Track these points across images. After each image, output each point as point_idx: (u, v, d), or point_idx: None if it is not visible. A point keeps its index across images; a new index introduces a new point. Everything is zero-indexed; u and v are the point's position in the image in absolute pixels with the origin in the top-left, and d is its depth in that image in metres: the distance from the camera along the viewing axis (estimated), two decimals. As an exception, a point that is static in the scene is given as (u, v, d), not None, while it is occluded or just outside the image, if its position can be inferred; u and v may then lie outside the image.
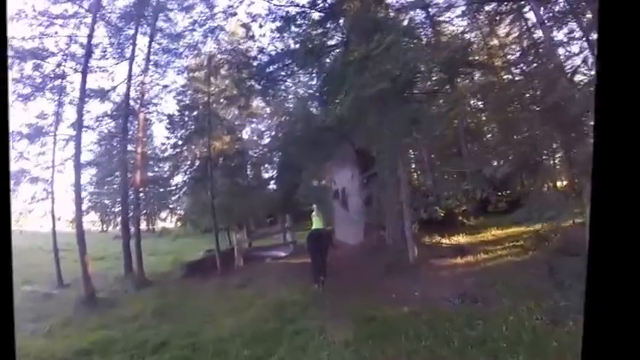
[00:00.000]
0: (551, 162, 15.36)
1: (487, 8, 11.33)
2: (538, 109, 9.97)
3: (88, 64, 10.88)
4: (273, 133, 25.29)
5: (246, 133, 23.08)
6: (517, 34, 13.86)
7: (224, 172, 11.96)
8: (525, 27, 12.86)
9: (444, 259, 8.73)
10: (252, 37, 12.10)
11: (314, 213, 9.11)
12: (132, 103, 12.25)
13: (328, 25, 11.31)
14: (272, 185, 24.56)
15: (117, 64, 12.08)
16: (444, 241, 10.56)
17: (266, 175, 25.13)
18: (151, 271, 12.19)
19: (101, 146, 15.40)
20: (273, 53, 12.01)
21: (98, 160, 15.42)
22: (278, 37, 11.83)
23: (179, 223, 16.42)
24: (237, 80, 12.31)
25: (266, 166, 25.11)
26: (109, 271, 12.53)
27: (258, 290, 8.16)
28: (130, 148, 12.20)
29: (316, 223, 8.84)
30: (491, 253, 8.60)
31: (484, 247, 9.15)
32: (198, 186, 12.07)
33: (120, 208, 28.81)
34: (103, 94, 11.93)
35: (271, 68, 12.15)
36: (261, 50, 11.90)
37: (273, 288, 8.05)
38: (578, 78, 9.71)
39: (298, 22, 10.81)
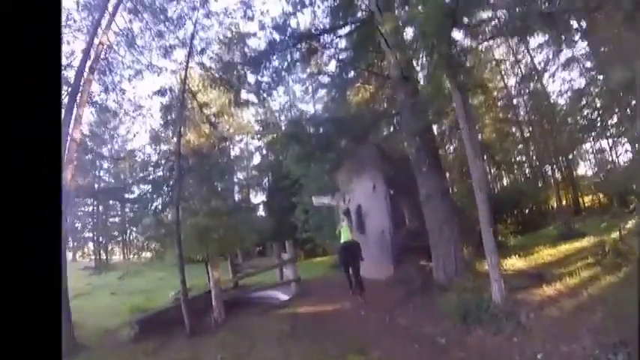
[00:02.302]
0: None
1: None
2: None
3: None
4: (265, 152, 21.98)
5: (233, 153, 19.55)
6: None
7: (200, 177, 7.90)
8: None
9: (529, 292, 5.48)
10: (251, 18, 8.88)
11: (344, 224, 7.69)
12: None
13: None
14: (261, 212, 20.80)
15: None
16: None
17: (255, 201, 21.44)
18: (94, 323, 8.15)
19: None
20: (276, 37, 8.92)
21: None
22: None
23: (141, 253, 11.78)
24: (226, 65, 8.99)
25: (255, 188, 21.51)
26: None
27: (251, 375, 4.26)
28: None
29: (345, 234, 7.29)
30: (575, 277, 5.76)
31: (557, 270, 6.29)
32: (161, 197, 7.94)
33: (91, 234, 24.30)
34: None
35: (270, 62, 9.00)
36: (262, 27, 8.73)
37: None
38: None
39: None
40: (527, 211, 13.11)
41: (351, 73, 9.98)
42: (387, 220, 8.04)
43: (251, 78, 9.67)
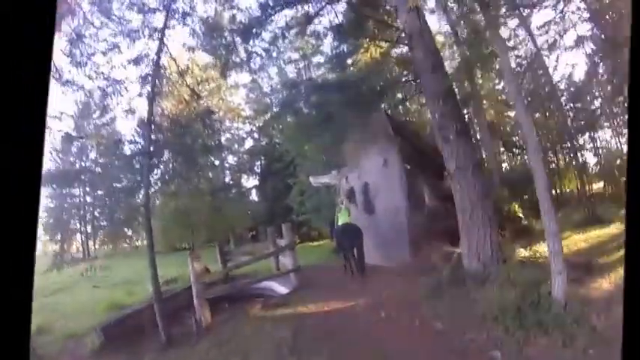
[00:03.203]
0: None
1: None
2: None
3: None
4: (256, 136, 20.39)
5: (224, 137, 17.87)
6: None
7: (179, 152, 6.26)
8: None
9: (585, 286, 4.55)
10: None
11: (343, 206, 7.41)
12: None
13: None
14: (254, 197, 19.40)
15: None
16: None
17: (247, 185, 19.97)
18: (64, 325, 6.79)
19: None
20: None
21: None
22: None
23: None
24: (213, 26, 7.38)
25: (247, 172, 19.92)
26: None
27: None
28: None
29: (344, 217, 6.92)
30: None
31: (600, 259, 5.48)
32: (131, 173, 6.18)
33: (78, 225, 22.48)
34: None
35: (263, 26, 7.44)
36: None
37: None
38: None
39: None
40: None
41: (351, 44, 8.57)
42: (402, 198, 6.70)
43: (242, 52, 8.16)
